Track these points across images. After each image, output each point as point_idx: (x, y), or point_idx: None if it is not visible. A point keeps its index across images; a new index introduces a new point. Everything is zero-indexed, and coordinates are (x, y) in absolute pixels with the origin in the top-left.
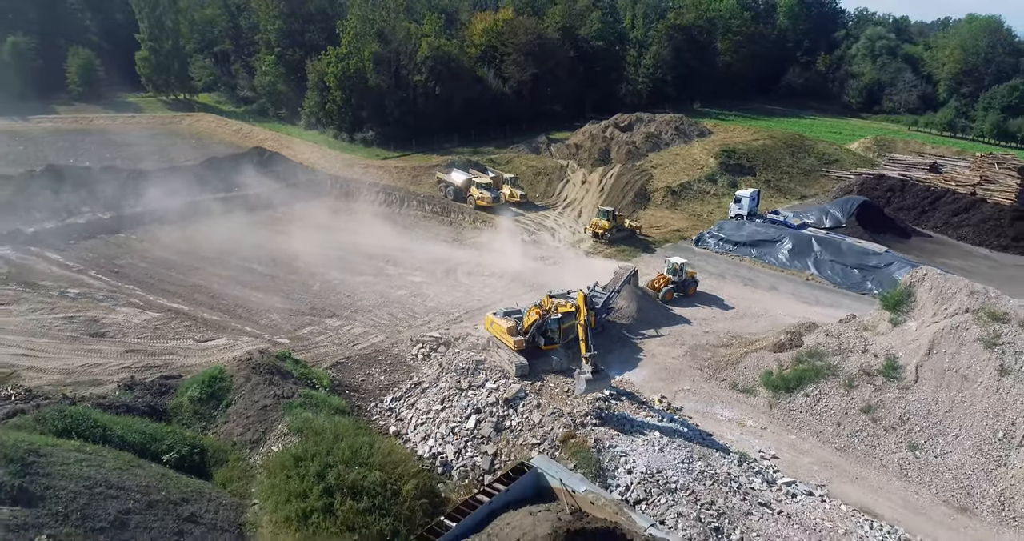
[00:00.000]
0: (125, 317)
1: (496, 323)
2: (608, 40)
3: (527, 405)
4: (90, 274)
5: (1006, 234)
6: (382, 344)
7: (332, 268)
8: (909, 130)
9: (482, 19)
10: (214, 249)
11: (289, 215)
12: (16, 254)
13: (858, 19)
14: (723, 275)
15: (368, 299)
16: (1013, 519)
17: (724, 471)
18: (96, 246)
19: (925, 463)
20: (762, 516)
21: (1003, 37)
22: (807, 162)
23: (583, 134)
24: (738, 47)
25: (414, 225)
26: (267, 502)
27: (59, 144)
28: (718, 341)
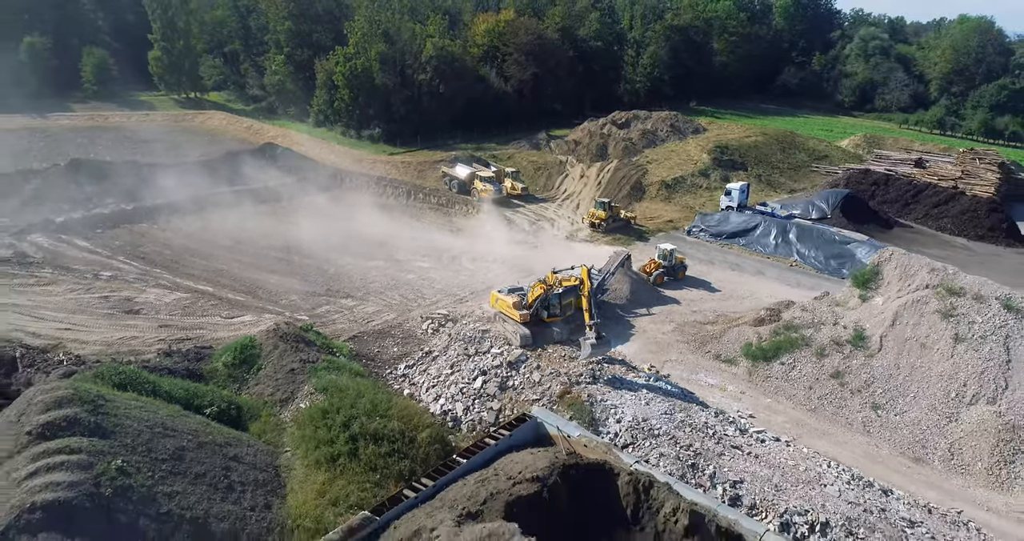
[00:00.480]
0: (156, 297)
1: (501, 299)
2: (606, 40)
3: (528, 367)
4: (118, 259)
5: (982, 224)
6: (394, 321)
7: (344, 255)
8: (900, 128)
9: (484, 20)
10: (232, 237)
11: (301, 206)
12: (48, 241)
13: (853, 19)
14: (712, 262)
15: (379, 282)
16: (960, 467)
17: (702, 421)
18: (121, 234)
19: (885, 421)
20: (733, 456)
21: (993, 37)
22: (797, 158)
23: (582, 131)
24: (734, 47)
25: (420, 216)
26: (299, 449)
27: (77, 140)
28: (704, 319)
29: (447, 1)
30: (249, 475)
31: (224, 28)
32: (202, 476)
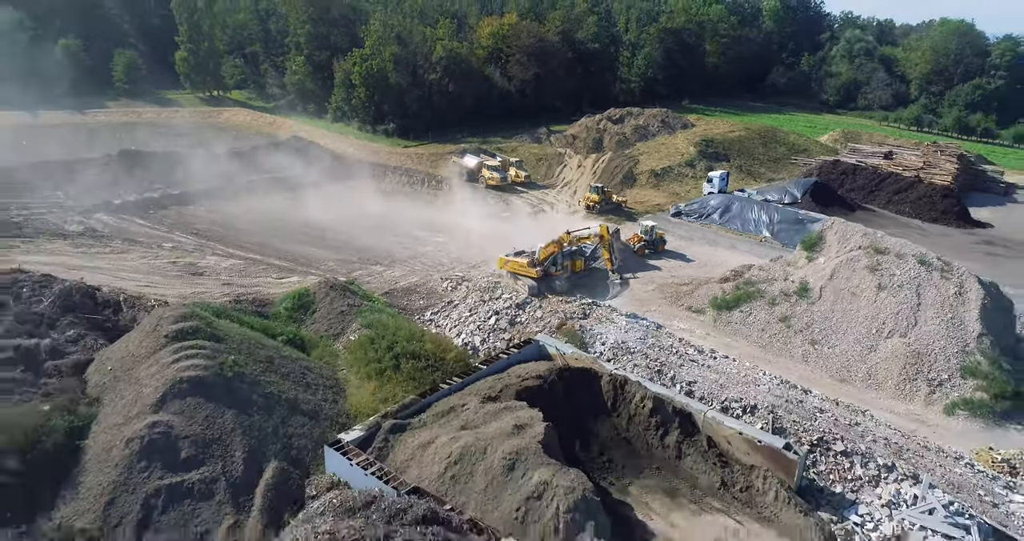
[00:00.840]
0: (214, 262)
1: (512, 260)
2: (603, 42)
3: (532, 307)
4: (175, 234)
5: (936, 209)
6: (418, 282)
7: (370, 232)
8: (880, 125)
9: (489, 23)
10: (269, 218)
11: (327, 192)
12: (111, 219)
13: (843, 22)
14: (691, 238)
15: (403, 253)
16: (875, 385)
17: (668, 344)
18: (171, 214)
19: (820, 353)
20: (690, 367)
21: (972, 39)
22: (778, 151)
23: (579, 126)
24: (725, 49)
25: (433, 200)
26: (352, 367)
27: (117, 135)
28: (680, 282)
29: (454, 5)
30: (319, 380)
31: (245, 31)
32: (287, 375)
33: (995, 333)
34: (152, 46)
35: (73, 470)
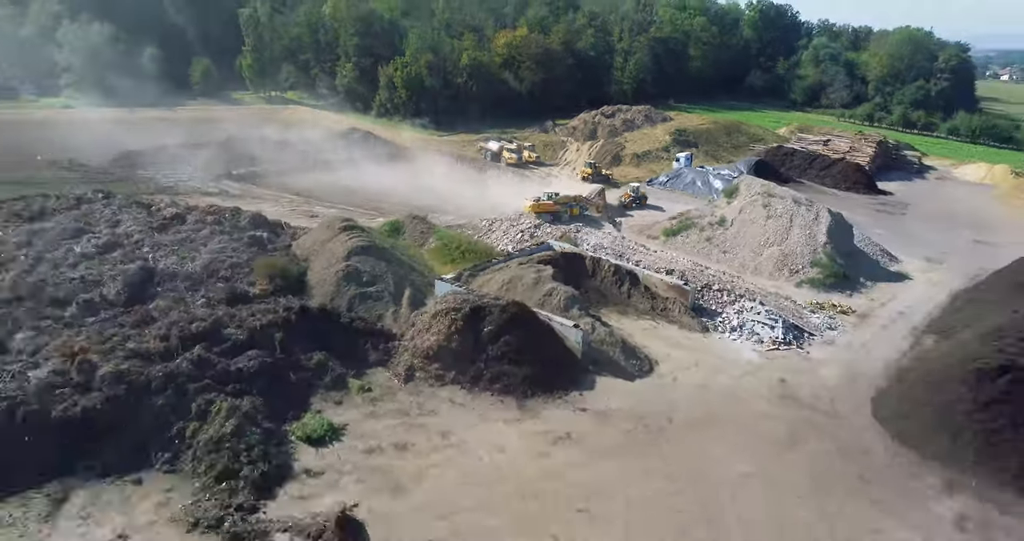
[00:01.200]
0: (322, 210)
1: (539, 203)
2: (600, 50)
3: (544, 229)
4: (284, 194)
5: (849, 181)
6: (464, 222)
7: (422, 194)
8: (838, 120)
9: (503, 35)
10: (346, 187)
11: (385, 170)
12: (235, 184)
13: (819, 29)
14: (662, 198)
15: (451, 207)
16: (758, 273)
17: (628, 245)
18: (273, 183)
19: (731, 258)
20: (639, 254)
21: (922, 46)
22: (739, 140)
23: (578, 120)
24: (707, 54)
25: (466, 174)
26: (433, 260)
27: (201, 127)
28: (648, 223)
29: (474, 19)
30: (419, 262)
31: (299, 41)
32: (403, 254)
33: (835, 242)
34: (218, 53)
35: (304, 291)
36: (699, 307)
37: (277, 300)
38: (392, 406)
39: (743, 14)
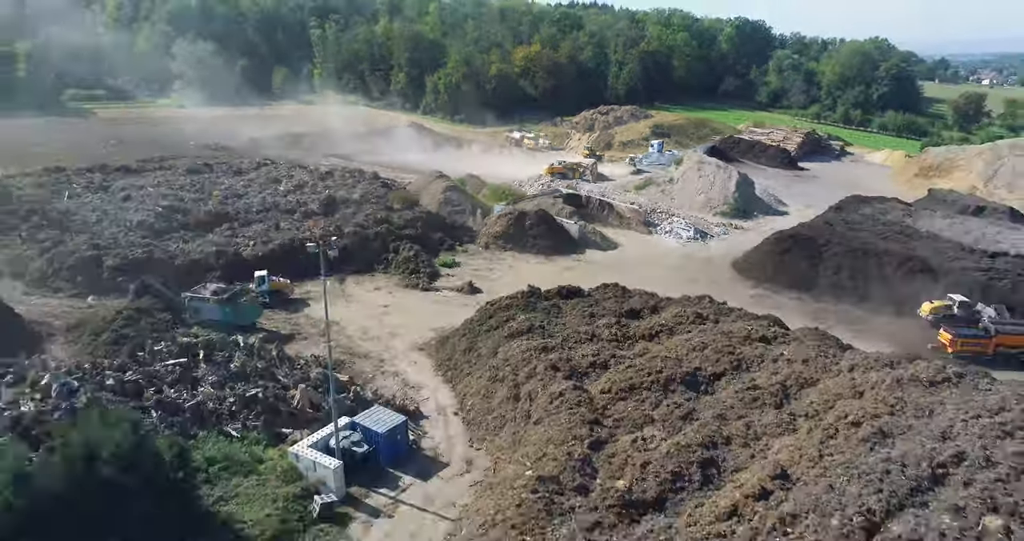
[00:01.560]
0: (407, 175)
1: (551, 167)
2: (598, 61)
3: (558, 182)
4: (376, 167)
5: (778, 160)
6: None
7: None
8: (793, 118)
9: (521, 50)
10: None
11: (437, 152)
12: (337, 160)
13: (792, 42)
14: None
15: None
16: (691, 209)
17: (609, 192)
18: (363, 160)
19: (676, 202)
20: (619, 196)
21: (869, 56)
22: (704, 132)
23: (580, 117)
24: (689, 65)
25: (498, 155)
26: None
27: (288, 122)
28: (625, 183)
29: (497, 36)
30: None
31: (358, 55)
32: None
33: (740, 192)
34: (291, 63)
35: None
36: (648, 221)
37: (408, 211)
38: (480, 257)
39: (722, 30)
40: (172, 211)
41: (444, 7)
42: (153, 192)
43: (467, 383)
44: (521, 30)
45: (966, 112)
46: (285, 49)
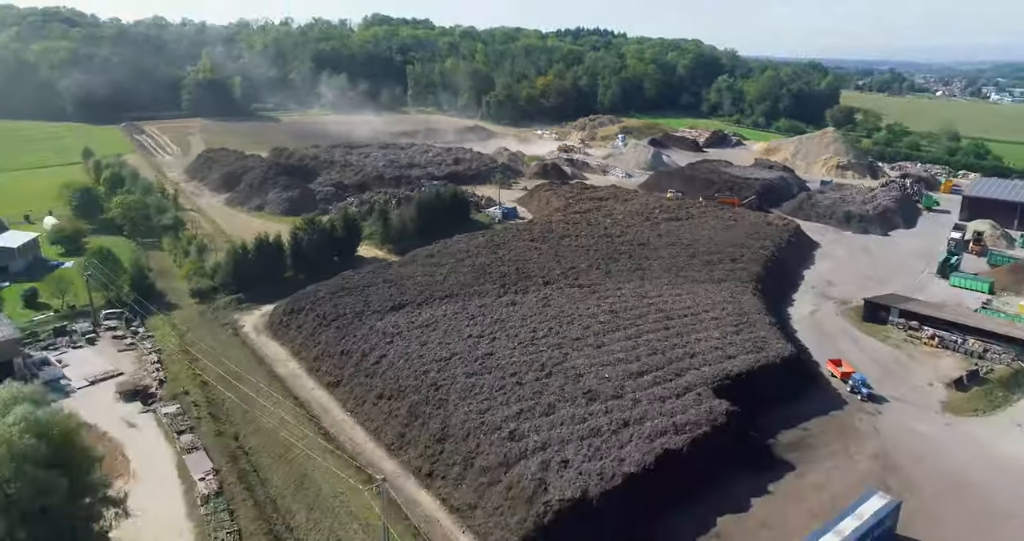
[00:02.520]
0: None
1: (560, 146)
2: (591, 85)
3: (567, 157)
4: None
5: (690, 147)
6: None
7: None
8: (721, 122)
9: (540, 79)
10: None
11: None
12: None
13: (744, 65)
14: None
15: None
16: (627, 167)
17: (587, 157)
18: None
19: (622, 165)
20: (593, 160)
21: (778, 78)
22: (654, 131)
23: (578, 122)
24: (656, 86)
25: (529, 143)
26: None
27: (404, 127)
28: (603, 156)
29: (524, 68)
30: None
31: (434, 81)
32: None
33: (653, 159)
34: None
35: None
36: (605, 170)
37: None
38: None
39: (679, 61)
40: (394, 161)
41: (489, 49)
42: (379, 154)
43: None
44: (540, 64)
45: (839, 119)
46: (387, 76)
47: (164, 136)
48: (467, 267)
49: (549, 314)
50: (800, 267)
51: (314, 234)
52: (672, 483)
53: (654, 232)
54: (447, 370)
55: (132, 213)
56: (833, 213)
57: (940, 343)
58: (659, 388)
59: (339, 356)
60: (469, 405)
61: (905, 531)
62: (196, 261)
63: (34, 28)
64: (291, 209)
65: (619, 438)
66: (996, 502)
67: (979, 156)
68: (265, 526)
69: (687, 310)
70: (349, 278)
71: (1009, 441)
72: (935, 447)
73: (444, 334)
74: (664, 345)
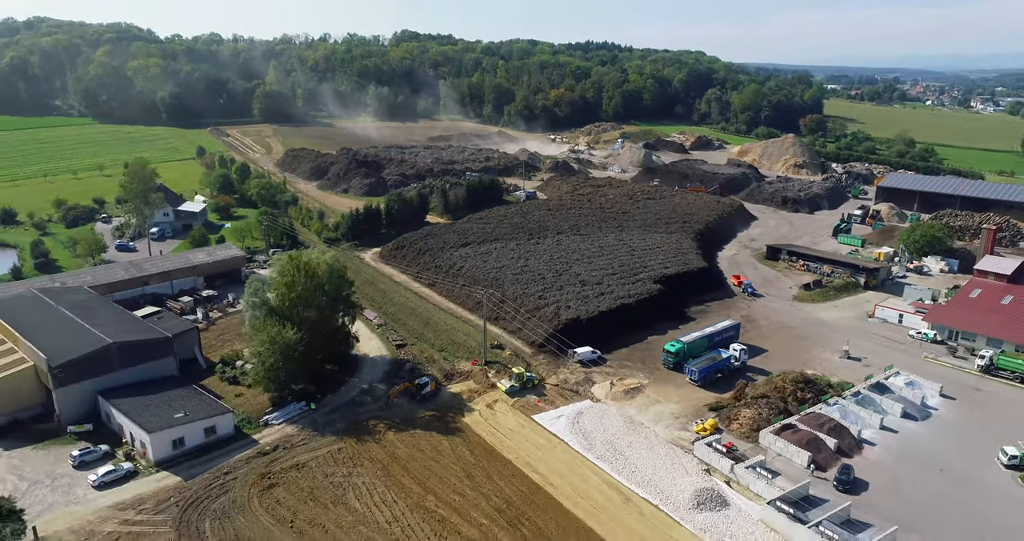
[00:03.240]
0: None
1: (570, 148)
2: (597, 97)
3: (576, 155)
4: (491, 150)
5: (678, 149)
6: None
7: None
8: (710, 129)
9: (554, 92)
10: (512, 148)
11: (514, 144)
12: (474, 146)
13: (726, 76)
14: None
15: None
16: (622, 164)
17: (594, 157)
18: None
19: (620, 160)
20: (597, 159)
21: (762, 91)
22: (649, 137)
23: (586, 128)
24: (653, 97)
25: (544, 145)
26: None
27: (439, 132)
28: (604, 155)
29: (541, 83)
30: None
31: (462, 92)
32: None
33: (645, 156)
34: (425, 96)
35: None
36: (605, 166)
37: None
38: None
39: (675, 76)
40: (439, 158)
41: (508, 65)
42: (425, 153)
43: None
44: (553, 78)
45: (812, 127)
46: (421, 88)
47: (246, 138)
48: (505, 225)
49: (560, 248)
50: (736, 231)
51: (400, 205)
52: (625, 321)
53: (635, 206)
54: (501, 272)
55: (263, 191)
56: (774, 198)
57: (806, 268)
58: (622, 279)
59: (433, 269)
60: (516, 286)
61: (748, 341)
62: (319, 222)
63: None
64: (369, 192)
65: (598, 299)
66: (800, 333)
67: (923, 158)
68: (411, 338)
69: (646, 246)
70: (429, 230)
71: (823, 312)
72: (778, 314)
73: (496, 258)
74: (629, 261)
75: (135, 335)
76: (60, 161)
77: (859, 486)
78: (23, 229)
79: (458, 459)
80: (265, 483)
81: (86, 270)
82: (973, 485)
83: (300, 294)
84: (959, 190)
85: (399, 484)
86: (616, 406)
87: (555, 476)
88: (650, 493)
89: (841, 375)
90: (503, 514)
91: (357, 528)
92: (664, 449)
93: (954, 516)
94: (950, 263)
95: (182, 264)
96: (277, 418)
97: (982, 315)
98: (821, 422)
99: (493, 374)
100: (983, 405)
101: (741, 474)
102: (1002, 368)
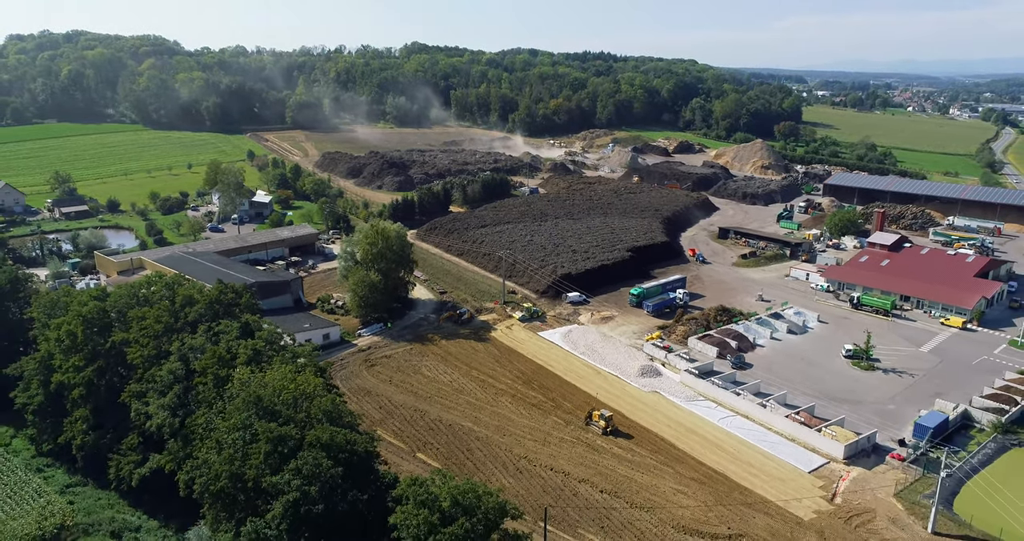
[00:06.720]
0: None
1: (567, 151)
2: (593, 105)
3: (573, 156)
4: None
5: (661, 152)
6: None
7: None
8: (693, 135)
9: (553, 102)
10: (508, 152)
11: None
12: (486, 148)
13: (712, 85)
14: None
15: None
16: (611, 165)
17: (588, 159)
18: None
19: (609, 162)
20: (591, 161)
21: (741, 101)
22: (637, 142)
23: (582, 133)
24: (644, 105)
25: (544, 149)
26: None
27: (450, 137)
28: (597, 157)
29: (541, 93)
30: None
31: (471, 102)
32: None
33: (631, 159)
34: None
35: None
36: (597, 167)
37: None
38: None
39: (663, 86)
40: (455, 160)
41: (512, 77)
42: (442, 155)
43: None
44: (553, 89)
45: (785, 132)
46: (433, 98)
47: (283, 143)
48: (514, 212)
49: (557, 229)
50: (699, 218)
51: (429, 197)
52: (605, 277)
53: (618, 199)
54: (512, 245)
55: (316, 187)
56: (737, 193)
57: (747, 243)
58: (603, 249)
59: (461, 243)
60: (525, 253)
61: (693, 290)
62: (364, 210)
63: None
64: (399, 188)
65: (585, 262)
66: (731, 285)
67: (880, 161)
68: (449, 288)
69: (624, 227)
70: (454, 216)
71: (753, 274)
72: (719, 274)
73: (508, 235)
74: (610, 237)
75: (266, 278)
76: (130, 162)
77: (747, 367)
78: (127, 216)
79: (489, 355)
80: (368, 364)
81: (202, 241)
82: (820, 366)
83: (379, 251)
84: (891, 187)
85: (453, 365)
86: (595, 327)
87: (553, 362)
88: (612, 369)
89: (753, 310)
90: (520, 378)
91: (430, 384)
92: (624, 349)
93: (802, 380)
94: (861, 241)
95: (273, 238)
96: (365, 332)
97: (864, 272)
98: (729, 333)
99: (510, 309)
100: (846, 327)
101: (671, 359)
102: (864, 304)
